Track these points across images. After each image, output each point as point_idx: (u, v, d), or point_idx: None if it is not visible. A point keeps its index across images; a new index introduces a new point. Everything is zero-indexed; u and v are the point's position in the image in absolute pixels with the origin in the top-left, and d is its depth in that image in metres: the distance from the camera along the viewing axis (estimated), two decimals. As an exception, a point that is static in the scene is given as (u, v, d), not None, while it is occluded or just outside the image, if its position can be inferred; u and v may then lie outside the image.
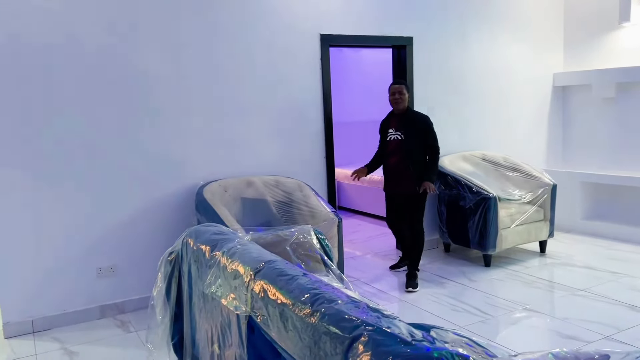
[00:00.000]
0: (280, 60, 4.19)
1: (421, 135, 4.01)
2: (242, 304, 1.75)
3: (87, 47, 3.51)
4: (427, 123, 4.03)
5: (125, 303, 3.73)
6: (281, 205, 3.89)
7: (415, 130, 4.01)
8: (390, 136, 4.09)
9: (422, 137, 4.01)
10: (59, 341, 3.32)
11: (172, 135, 3.84)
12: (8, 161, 3.33)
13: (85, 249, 3.61)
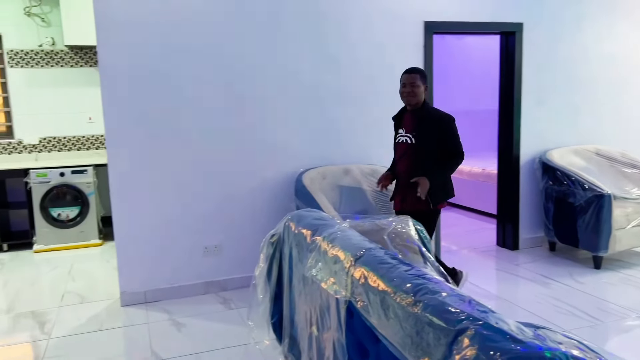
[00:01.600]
0: (382, 49, 4.16)
1: (438, 139, 3.15)
2: (342, 288, 1.78)
3: (198, 39, 3.71)
4: (447, 123, 3.15)
5: (227, 281, 3.93)
6: (377, 195, 3.88)
7: (430, 132, 3.15)
8: (400, 138, 3.31)
9: (439, 141, 3.15)
10: (167, 312, 3.58)
11: (275, 122, 3.95)
12: (134, 150, 3.62)
13: (194, 228, 3.84)
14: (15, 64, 5.48)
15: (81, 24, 5.21)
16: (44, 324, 3.43)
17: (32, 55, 5.51)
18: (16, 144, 5.57)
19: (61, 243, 5.22)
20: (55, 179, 5.17)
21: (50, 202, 5.19)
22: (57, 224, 5.22)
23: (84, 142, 5.79)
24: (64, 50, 5.60)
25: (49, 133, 5.65)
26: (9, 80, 5.49)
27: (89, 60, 5.70)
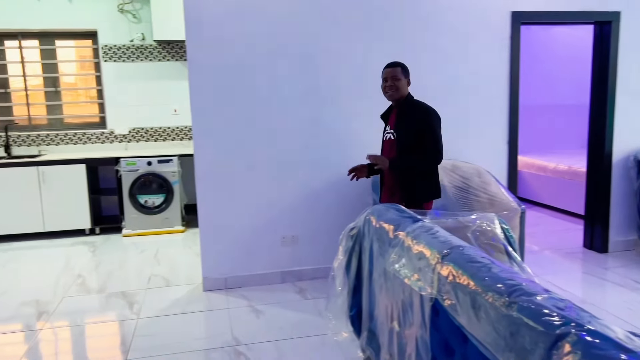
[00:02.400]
0: (465, 40, 4.04)
1: (417, 135, 2.97)
2: (427, 285, 1.75)
3: (280, 36, 3.77)
4: (426, 118, 2.97)
5: (303, 271, 4.00)
6: (457, 190, 3.78)
7: (410, 126, 3.00)
8: (386, 135, 3.20)
9: (417, 135, 2.97)
10: (246, 299, 3.69)
11: (353, 115, 3.95)
12: (218, 141, 3.75)
13: (273, 219, 3.93)
14: (109, 59, 5.82)
15: (169, 20, 5.46)
16: (133, 304, 3.65)
17: (123, 50, 5.84)
18: (108, 134, 5.94)
19: (147, 228, 5.52)
20: (143, 168, 5.46)
21: (138, 189, 5.50)
22: (144, 210, 5.52)
23: (169, 133, 6.07)
24: (152, 45, 5.89)
25: (137, 124, 5.97)
26: (103, 74, 5.85)
27: (175, 54, 5.96)
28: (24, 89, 5.81)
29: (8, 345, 3.20)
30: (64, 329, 3.35)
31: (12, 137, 5.70)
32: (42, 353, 3.04)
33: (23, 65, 5.77)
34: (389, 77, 3.05)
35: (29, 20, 5.60)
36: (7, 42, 5.73)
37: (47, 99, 5.90)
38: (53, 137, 5.80)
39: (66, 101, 5.99)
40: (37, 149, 5.76)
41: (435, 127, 3.00)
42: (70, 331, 3.35)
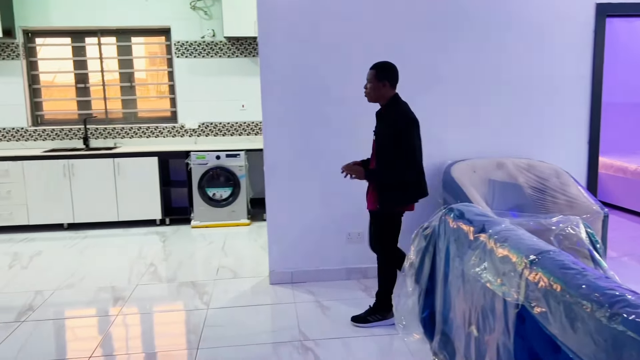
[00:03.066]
0: (541, 34, 3.86)
1: (391, 140, 2.91)
2: (512, 291, 1.67)
3: (348, 33, 3.74)
4: (398, 123, 2.90)
5: (368, 269, 3.96)
6: (533, 191, 3.63)
7: (386, 132, 2.96)
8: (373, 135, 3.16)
9: (393, 142, 2.91)
10: (312, 294, 3.70)
11: (423, 112, 3.86)
12: (288, 137, 3.78)
13: (339, 215, 3.91)
14: (181, 55, 6.00)
15: (240, 16, 5.56)
16: (203, 294, 3.74)
17: (195, 47, 6.00)
18: (179, 128, 6.12)
19: (214, 221, 5.65)
20: (212, 162, 5.60)
21: (207, 182, 5.64)
22: (212, 203, 5.66)
23: (237, 128, 6.19)
24: (222, 42, 6.01)
25: (207, 119, 6.13)
26: (175, 70, 6.04)
27: (244, 50, 6.06)
28: (102, 84, 6.09)
29: (87, 327, 3.37)
30: (138, 315, 3.49)
31: (90, 129, 5.99)
32: (118, 337, 3.17)
33: (101, 61, 6.05)
34: (366, 80, 3.06)
35: (107, 18, 5.85)
36: (88, 39, 6.02)
37: (122, 93, 6.16)
38: (127, 131, 6.05)
39: (140, 96, 6.23)
40: (112, 141, 6.03)
41: (410, 136, 2.91)
42: (144, 318, 3.48)
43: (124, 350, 3.01)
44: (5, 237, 5.35)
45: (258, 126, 6.20)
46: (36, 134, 5.95)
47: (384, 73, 2.99)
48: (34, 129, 5.95)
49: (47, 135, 5.96)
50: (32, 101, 5.99)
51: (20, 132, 5.93)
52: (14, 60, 5.81)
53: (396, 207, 3.07)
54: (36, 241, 5.21)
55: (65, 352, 3.06)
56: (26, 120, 5.92)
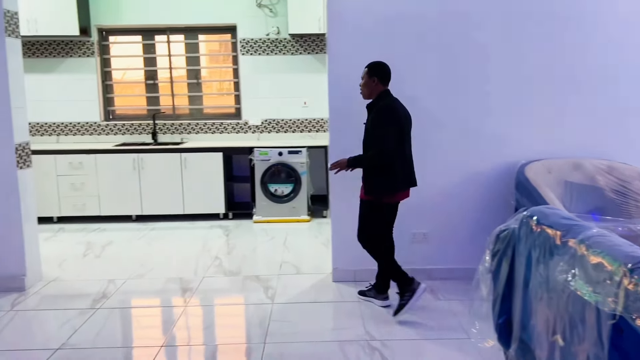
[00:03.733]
0: (626, 28, 3.63)
1: (372, 132, 3.20)
2: (609, 300, 1.57)
3: (419, 27, 3.66)
4: (376, 114, 3.18)
5: (433, 270, 3.88)
6: (615, 195, 3.43)
7: (369, 125, 3.24)
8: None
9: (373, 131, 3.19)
10: (376, 293, 3.66)
11: (494, 110, 3.74)
12: (354, 134, 3.75)
13: (404, 215, 3.82)
14: (246, 52, 6.09)
15: (305, 13, 5.57)
16: (267, 289, 3.78)
17: (259, 44, 6.07)
18: (243, 125, 6.22)
19: (276, 216, 5.71)
20: (274, 158, 5.66)
21: (269, 178, 5.70)
22: (274, 199, 5.72)
23: (299, 125, 6.22)
24: (286, 39, 6.05)
25: (269, 115, 6.19)
26: (240, 67, 6.13)
27: (307, 47, 6.07)
28: (170, 80, 6.27)
29: (158, 317, 3.47)
30: (205, 307, 3.57)
31: (158, 125, 6.18)
32: (188, 327, 3.25)
33: (170, 58, 6.23)
34: (361, 78, 3.34)
35: (177, 17, 6.02)
36: (157, 37, 6.21)
37: (189, 90, 6.32)
38: (194, 126, 6.20)
39: (206, 92, 6.37)
40: (179, 136, 6.20)
41: (382, 125, 3.14)
42: (211, 309, 3.56)
43: (195, 341, 3.09)
44: (79, 226, 5.61)
45: (320, 123, 6.20)
46: (108, 129, 6.20)
47: (374, 70, 3.24)
48: (106, 123, 6.21)
49: (118, 129, 6.21)
50: (104, 97, 6.25)
51: (93, 127, 6.20)
52: (89, 57, 6.08)
53: (382, 196, 3.24)
54: (107, 231, 5.43)
55: (138, 340, 3.17)
56: (99, 115, 6.19)
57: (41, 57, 6.05)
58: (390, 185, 3.21)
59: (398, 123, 3.16)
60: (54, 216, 5.73)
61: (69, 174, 5.65)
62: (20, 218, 3.75)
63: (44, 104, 6.07)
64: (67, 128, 6.19)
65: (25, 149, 3.81)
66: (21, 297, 3.67)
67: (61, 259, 4.52)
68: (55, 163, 5.64)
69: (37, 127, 6.16)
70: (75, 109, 6.15)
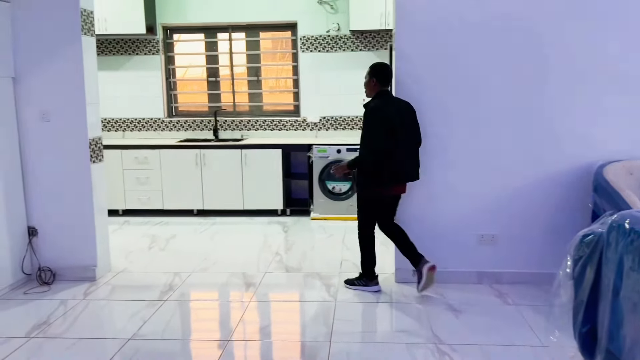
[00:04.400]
0: None
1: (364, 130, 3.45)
2: None
3: (492, 19, 3.53)
4: (365, 115, 3.43)
5: (502, 274, 3.74)
6: None
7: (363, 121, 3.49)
8: None
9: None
10: (442, 296, 3.56)
11: (570, 108, 3.56)
12: (415, 125, 3.68)
13: (471, 215, 3.73)
14: (306, 49, 6.09)
15: (367, 10, 5.52)
16: (329, 287, 3.76)
17: (320, 41, 6.06)
18: (301, 122, 6.23)
19: (333, 213, 5.69)
20: (333, 155, 5.63)
21: (327, 175, 5.68)
22: (331, 196, 5.70)
23: (357, 122, 6.17)
24: (346, 35, 6.01)
25: (327, 113, 6.17)
26: (300, 64, 6.14)
27: (368, 44, 6.00)
28: (231, 77, 6.35)
29: (223, 311, 3.52)
30: (269, 303, 3.58)
31: (219, 121, 6.28)
32: (253, 322, 3.27)
33: (231, 55, 6.32)
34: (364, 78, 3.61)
35: (238, 15, 6.09)
36: (220, 35, 6.31)
37: (249, 87, 6.39)
38: (253, 123, 6.27)
39: (266, 89, 6.42)
40: (239, 133, 6.28)
41: (369, 125, 3.38)
42: (275, 305, 3.57)
43: (260, 336, 3.10)
44: (143, 219, 5.78)
45: (379, 120, 6.12)
46: (171, 125, 6.36)
47: (374, 72, 3.49)
48: (169, 119, 6.36)
49: (181, 126, 6.35)
50: (168, 94, 6.41)
51: (157, 123, 6.37)
52: (154, 55, 6.24)
53: (372, 189, 3.49)
54: (170, 225, 5.57)
55: (205, 333, 3.22)
56: (163, 111, 6.35)
57: (109, 55, 6.27)
58: (378, 181, 3.43)
59: (386, 122, 3.32)
60: (120, 209, 5.93)
61: (134, 169, 5.83)
62: (92, 211, 3.88)
63: (111, 100, 6.28)
64: (133, 124, 6.39)
65: (97, 144, 3.95)
66: (92, 287, 3.81)
67: (128, 250, 4.66)
68: (121, 158, 5.83)
69: (104, 123, 6.39)
70: (140, 106, 6.34)
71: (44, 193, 3.89)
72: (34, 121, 3.82)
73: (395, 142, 3.31)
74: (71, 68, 3.75)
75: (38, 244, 3.93)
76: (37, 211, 3.91)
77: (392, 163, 3.36)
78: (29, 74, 3.78)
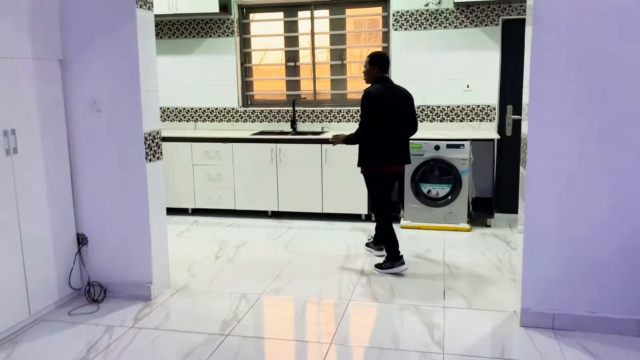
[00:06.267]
0: None
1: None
2: None
3: None
4: (364, 97, 3.58)
5: (674, 325, 2.72)
6: None
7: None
8: None
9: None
10: (589, 352, 2.61)
11: None
12: (561, 127, 2.72)
13: (631, 245, 2.73)
14: (399, 27, 5.20)
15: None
16: (432, 328, 2.91)
17: (416, 17, 5.14)
18: (391, 112, 5.36)
19: (427, 222, 4.81)
20: (430, 152, 4.74)
21: (422, 176, 4.81)
22: (427, 201, 4.81)
23: (458, 113, 5.21)
24: (449, 10, 5.05)
25: (423, 101, 5.25)
26: (391, 45, 5.27)
27: (475, 19, 5.01)
28: (312, 62, 5.60)
29: (300, 354, 2.78)
30: (356, 349, 2.79)
31: (297, 112, 5.56)
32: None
33: (313, 36, 5.55)
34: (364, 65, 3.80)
35: (322, -11, 5.32)
36: (301, 13, 5.56)
37: (332, 73, 5.60)
38: (336, 114, 5.49)
39: (350, 75, 5.62)
40: (319, 125, 5.53)
41: (363, 107, 3.58)
42: (363, 353, 2.78)
43: (343, 401, 2.33)
44: (213, 220, 5.22)
45: (485, 111, 5.14)
46: (245, 115, 5.73)
47: (376, 60, 3.69)
48: (244, 110, 5.73)
49: (256, 117, 5.70)
50: (243, 80, 5.77)
51: (231, 113, 5.76)
52: (228, 37, 5.62)
53: (371, 169, 3.73)
54: (241, 228, 4.95)
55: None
56: (237, 100, 5.72)
57: (180, 38, 5.72)
58: (375, 161, 3.68)
59: (377, 106, 3.55)
60: (189, 208, 5.40)
61: (205, 164, 5.26)
62: (147, 219, 3.28)
63: (182, 88, 5.75)
64: (205, 114, 5.82)
65: (155, 139, 3.33)
66: (146, 308, 3.22)
67: (192, 260, 4.07)
68: (191, 151, 5.28)
69: (176, 113, 5.87)
70: (213, 94, 5.75)
71: (96, 195, 3.34)
72: (84, 111, 3.26)
73: (388, 125, 3.58)
74: (124, 48, 3.14)
75: (88, 255, 3.41)
76: (88, 216, 3.38)
77: (390, 143, 3.63)
78: (79, 55, 3.22)
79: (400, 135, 3.70)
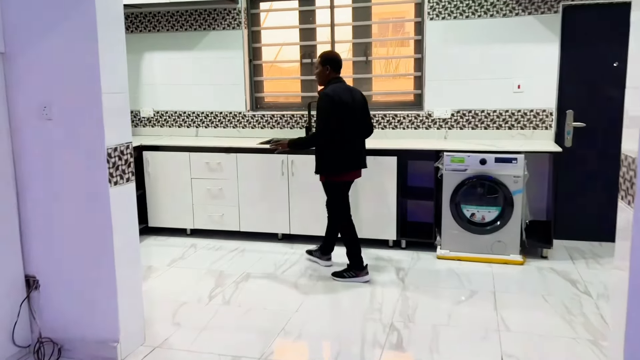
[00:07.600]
0: None
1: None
2: None
3: None
4: (318, 101, 3.44)
5: None
6: None
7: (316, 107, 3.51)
8: None
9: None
10: None
11: None
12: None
13: None
14: (436, 16, 4.35)
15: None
16: None
17: (456, 3, 4.29)
18: (424, 118, 4.52)
19: (470, 252, 3.96)
20: (474, 167, 3.89)
21: (464, 196, 3.95)
22: (469, 226, 3.96)
23: (506, 119, 4.34)
24: (498, -6, 4.19)
25: (464, 105, 4.41)
26: (425, 37, 4.43)
27: (529, 5, 4.14)
28: (331, 58, 4.79)
29: None
30: None
31: (313, 116, 4.75)
32: None
33: (332, 28, 4.74)
34: (315, 67, 3.73)
35: (344, -28, 4.50)
36: (318, 2, 4.76)
37: (354, 71, 4.79)
38: (359, 119, 4.66)
39: (376, 74, 4.79)
40: (340, 132, 4.71)
41: (321, 110, 3.40)
42: None
43: None
44: (215, 243, 4.46)
45: (539, 117, 4.26)
46: (254, 120, 4.95)
47: (327, 60, 3.50)
48: (252, 114, 4.95)
49: (266, 122, 4.92)
50: (251, 80, 4.99)
51: (238, 118, 4.99)
52: (234, 30, 4.84)
53: (333, 176, 3.52)
54: (246, 254, 4.18)
55: None
56: (244, 103, 4.95)
57: (180, 31, 4.97)
58: (334, 167, 3.49)
59: (336, 109, 3.36)
60: (187, 228, 4.65)
61: (205, 177, 4.51)
62: (112, 258, 2.51)
63: (182, 88, 5.01)
64: (208, 119, 5.06)
65: (123, 155, 2.56)
66: (107, 379, 2.45)
67: (180, 300, 3.30)
68: (189, 162, 4.52)
69: (175, 117, 5.13)
70: (217, 96, 4.99)
71: (50, 228, 2.59)
72: (32, 118, 2.52)
73: (348, 129, 3.42)
74: (79, 38, 2.38)
75: (39, 302, 2.66)
76: (39, 254, 2.63)
77: (348, 148, 3.47)
78: (25, 48, 2.47)
79: (358, 139, 3.56)
